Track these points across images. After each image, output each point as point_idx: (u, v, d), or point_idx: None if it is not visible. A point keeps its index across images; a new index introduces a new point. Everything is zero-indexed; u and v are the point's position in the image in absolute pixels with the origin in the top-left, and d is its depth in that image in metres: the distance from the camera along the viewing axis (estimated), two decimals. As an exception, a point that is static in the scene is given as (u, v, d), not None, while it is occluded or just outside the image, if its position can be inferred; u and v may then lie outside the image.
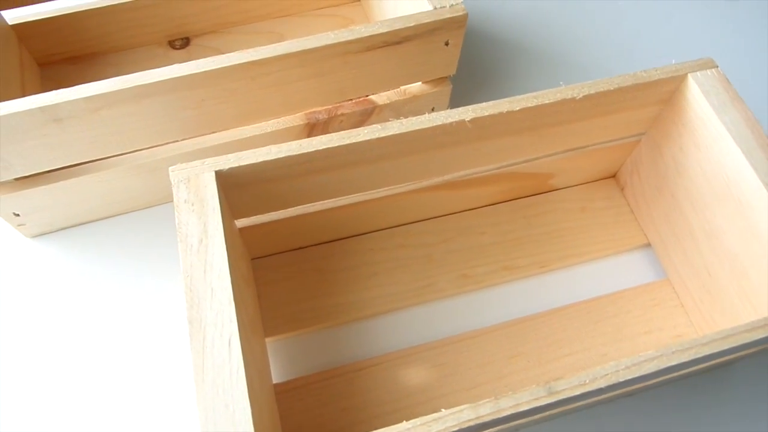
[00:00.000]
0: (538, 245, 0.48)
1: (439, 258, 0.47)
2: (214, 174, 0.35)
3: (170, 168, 0.35)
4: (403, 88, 0.48)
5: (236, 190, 0.37)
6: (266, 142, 0.47)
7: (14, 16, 0.51)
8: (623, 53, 0.60)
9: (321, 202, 0.42)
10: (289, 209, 0.42)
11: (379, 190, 0.43)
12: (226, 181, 0.36)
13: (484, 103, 0.38)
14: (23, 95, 0.48)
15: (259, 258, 0.47)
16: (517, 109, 0.38)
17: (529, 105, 0.38)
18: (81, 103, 0.37)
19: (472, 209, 0.49)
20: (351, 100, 0.47)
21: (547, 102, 0.38)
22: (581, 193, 0.51)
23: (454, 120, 0.37)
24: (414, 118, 0.37)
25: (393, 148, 0.38)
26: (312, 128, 0.48)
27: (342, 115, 0.47)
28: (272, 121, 0.46)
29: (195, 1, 0.54)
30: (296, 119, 0.47)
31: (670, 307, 0.46)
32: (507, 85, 0.57)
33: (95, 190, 0.46)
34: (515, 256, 0.47)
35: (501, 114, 0.38)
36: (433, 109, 0.51)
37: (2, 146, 0.38)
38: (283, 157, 0.35)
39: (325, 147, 0.36)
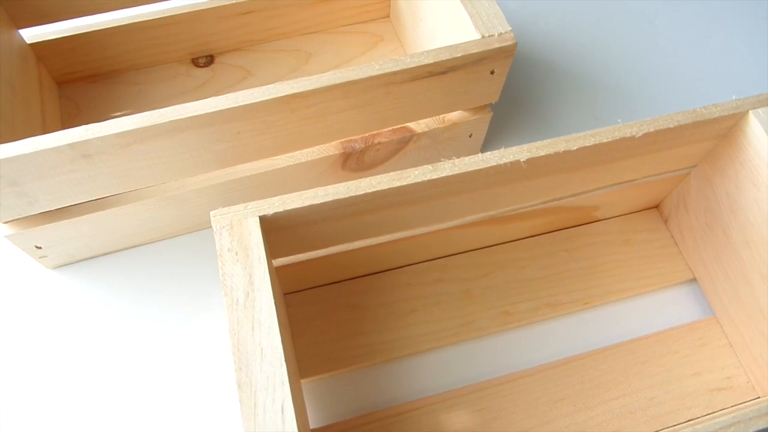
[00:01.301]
0: (580, 280, 0.46)
1: (478, 294, 0.45)
2: (258, 219, 0.33)
3: (212, 213, 0.33)
4: (442, 115, 0.46)
5: (276, 232, 0.35)
6: (300, 172, 0.45)
7: (32, 34, 0.48)
8: (663, 82, 0.58)
9: (361, 240, 0.40)
10: (328, 248, 0.40)
11: (421, 228, 0.41)
12: (268, 225, 0.34)
13: (539, 143, 0.36)
14: (42, 116, 0.47)
15: (291, 293, 0.45)
16: (575, 148, 0.36)
17: (587, 144, 0.36)
18: (112, 139, 0.35)
19: (511, 241, 0.47)
20: (389, 128, 0.45)
21: (605, 141, 0.36)
22: (624, 225, 0.49)
23: (508, 161, 0.35)
24: (467, 158, 0.35)
25: (443, 188, 0.36)
26: (347, 157, 0.45)
27: (379, 143, 0.45)
28: (307, 150, 0.44)
29: (220, 19, 0.52)
30: (331, 148, 0.45)
31: (719, 347, 0.44)
32: (546, 109, 0.55)
33: (121, 222, 0.43)
34: (557, 292, 0.46)
35: (557, 153, 0.36)
36: (471, 136, 0.49)
37: (28, 182, 0.36)
38: (330, 201, 0.33)
39: (374, 190, 0.34)
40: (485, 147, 0.52)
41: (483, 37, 0.40)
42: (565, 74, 0.57)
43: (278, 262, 0.40)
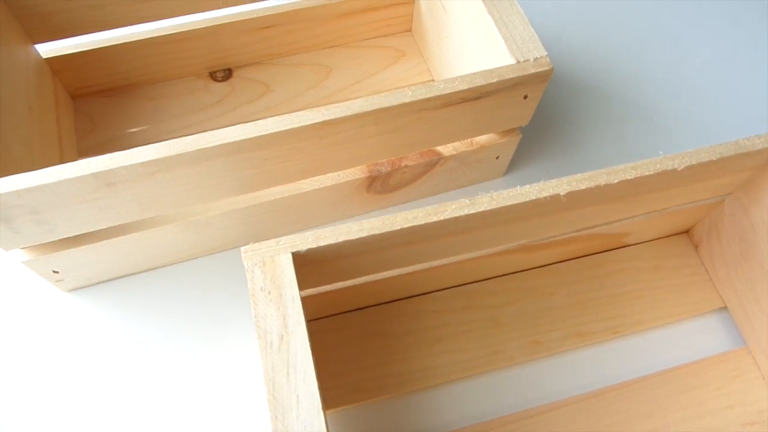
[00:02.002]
0: (610, 308, 0.45)
1: (506, 322, 0.44)
2: (290, 256, 0.31)
3: (242, 249, 0.31)
4: (471, 138, 0.45)
5: (307, 266, 0.34)
6: (325, 196, 0.44)
7: (48, 48, 0.47)
8: (689, 100, 0.57)
9: (390, 270, 0.39)
10: (357, 278, 0.39)
11: (451, 258, 0.40)
12: (299, 260, 0.33)
13: (579, 175, 0.35)
14: (58, 133, 0.45)
15: (313, 320, 0.44)
16: (616, 182, 0.35)
17: (628, 177, 0.35)
18: (137, 168, 0.34)
19: (539, 267, 0.46)
20: (417, 152, 0.44)
21: (647, 174, 0.35)
22: (653, 251, 0.48)
23: (548, 195, 0.34)
24: (505, 192, 0.34)
25: (479, 222, 0.35)
26: (373, 180, 0.44)
27: (405, 166, 0.44)
28: (332, 173, 0.43)
29: (239, 33, 0.50)
30: (357, 171, 0.43)
31: (752, 379, 0.43)
32: (571, 128, 0.54)
33: (140, 246, 0.42)
34: (587, 321, 0.45)
35: (598, 187, 0.35)
36: (498, 158, 0.48)
37: (48, 211, 0.35)
38: (365, 237, 0.32)
39: (410, 225, 0.33)
40: (510, 167, 0.51)
41: (518, 62, 0.38)
42: (590, 92, 0.56)
43: (303, 292, 0.39)
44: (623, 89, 0.57)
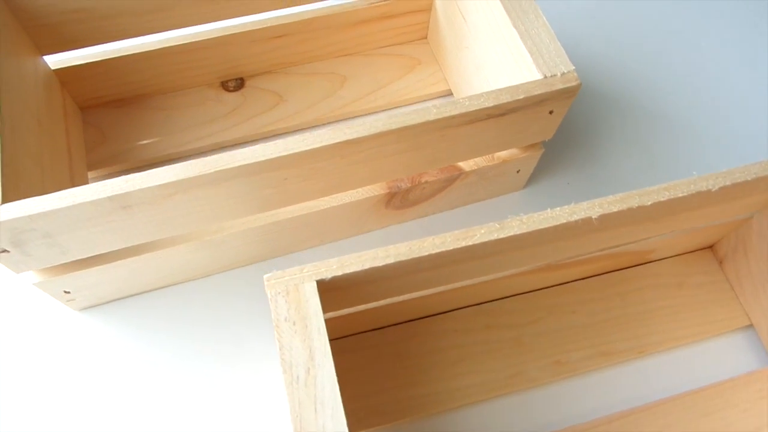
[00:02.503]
0: (634, 327, 0.44)
1: (529, 341, 0.43)
2: (315, 284, 0.30)
3: (265, 277, 0.30)
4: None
5: (330, 293, 0.33)
6: (343, 212, 0.43)
7: (57, 59, 0.45)
8: (709, 108, 0.56)
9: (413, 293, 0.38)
10: (379, 301, 0.38)
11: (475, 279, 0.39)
12: (323, 287, 0.31)
13: (611, 198, 0.34)
14: (68, 146, 0.44)
15: (332, 339, 0.42)
16: (649, 204, 0.33)
17: (661, 199, 0.34)
18: (154, 190, 0.33)
19: (562, 284, 0.45)
20: (438, 168, 0.43)
21: (680, 195, 0.34)
22: (677, 267, 0.47)
23: (579, 218, 0.33)
24: (535, 215, 0.33)
25: (508, 245, 0.33)
26: (392, 196, 0.43)
27: (425, 182, 0.43)
28: (351, 191, 0.42)
29: (252, 43, 0.49)
30: (376, 188, 0.42)
31: (780, 399, 0.42)
32: (591, 139, 0.53)
33: (153, 265, 0.41)
34: (611, 339, 0.44)
35: (630, 209, 0.34)
36: (518, 171, 0.46)
37: (61, 234, 0.34)
38: (392, 263, 0.31)
39: (438, 251, 0.31)
40: (530, 179, 0.50)
41: (545, 77, 0.37)
42: (611, 102, 0.55)
43: (324, 315, 0.38)
44: (645, 99, 0.55)
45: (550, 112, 0.39)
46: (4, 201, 0.32)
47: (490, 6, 0.41)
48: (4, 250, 0.34)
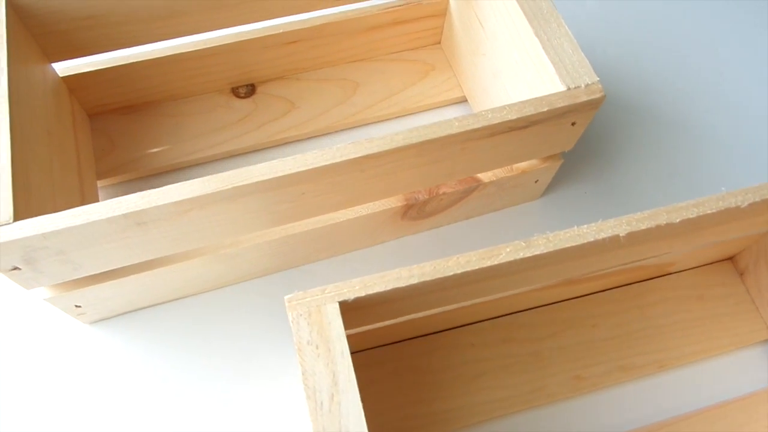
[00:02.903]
0: (653, 340, 0.43)
1: (548, 355, 0.42)
2: (337, 306, 0.30)
3: (286, 298, 0.29)
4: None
5: (351, 312, 0.32)
6: (359, 225, 0.42)
7: (65, 66, 0.44)
8: (727, 117, 0.55)
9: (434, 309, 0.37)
10: (399, 318, 0.37)
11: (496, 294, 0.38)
12: (345, 307, 0.31)
13: (638, 215, 0.33)
14: (77, 156, 0.43)
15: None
16: (677, 221, 0.33)
17: (690, 216, 0.33)
18: (170, 207, 0.32)
19: (580, 297, 0.45)
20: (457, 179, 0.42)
21: (709, 212, 0.33)
22: (697, 279, 0.46)
23: (607, 236, 0.32)
24: (562, 233, 0.32)
25: (533, 263, 0.33)
26: (409, 208, 0.42)
27: (443, 194, 0.42)
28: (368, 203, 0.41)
29: (264, 49, 0.48)
30: (394, 200, 0.41)
31: (802, 415, 0.42)
32: (612, 149, 0.52)
33: (165, 279, 0.40)
34: (630, 354, 0.43)
35: (658, 227, 0.33)
36: (536, 182, 0.46)
37: (74, 251, 0.33)
38: (416, 283, 0.30)
39: (463, 270, 0.31)
40: (547, 188, 0.49)
41: (569, 88, 0.36)
42: (628, 110, 0.54)
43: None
44: (663, 105, 0.54)
45: (573, 124, 0.39)
46: (17, 218, 0.31)
47: (510, 14, 0.40)
48: (16, 268, 0.33)
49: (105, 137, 0.48)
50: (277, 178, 0.33)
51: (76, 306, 0.40)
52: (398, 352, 0.42)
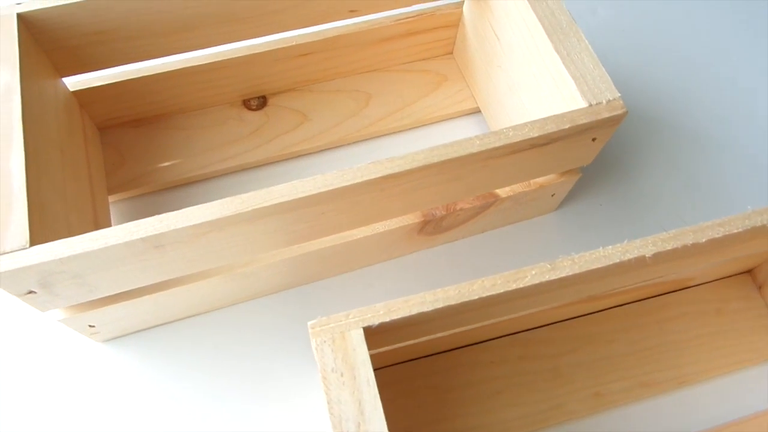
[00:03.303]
0: (673, 356, 0.43)
1: (566, 372, 0.42)
2: (362, 331, 0.29)
3: (310, 324, 0.29)
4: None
5: (374, 336, 0.31)
6: (375, 241, 0.41)
7: (75, 81, 0.44)
8: (743, 127, 0.54)
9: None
10: (420, 338, 0.36)
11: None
12: (369, 332, 0.30)
13: (664, 234, 0.32)
14: (89, 171, 0.43)
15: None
16: (704, 240, 0.32)
17: (716, 236, 0.32)
18: (188, 230, 0.31)
19: (598, 312, 0.44)
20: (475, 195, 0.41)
21: (735, 231, 0.33)
22: (715, 292, 0.46)
23: (633, 257, 0.32)
24: (587, 254, 0.31)
25: (558, 284, 0.32)
26: (426, 224, 0.42)
27: (460, 210, 0.42)
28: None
29: (276, 61, 0.47)
30: (411, 217, 0.41)
31: (824, 431, 0.41)
32: (627, 160, 0.51)
33: (180, 297, 0.40)
34: (651, 370, 0.42)
35: (684, 246, 0.32)
36: (553, 195, 0.45)
37: (91, 274, 0.32)
38: (441, 308, 0.30)
39: (488, 294, 0.30)
40: (562, 201, 0.49)
41: (590, 105, 0.36)
42: (643, 120, 0.53)
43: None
44: (678, 116, 0.54)
45: (593, 140, 0.38)
46: (33, 242, 0.30)
47: (528, 28, 0.40)
48: (31, 291, 0.32)
49: (115, 151, 0.47)
50: (297, 199, 0.32)
51: (90, 326, 0.39)
52: (415, 370, 0.41)
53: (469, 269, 0.46)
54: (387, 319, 0.29)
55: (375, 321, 0.29)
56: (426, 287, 0.45)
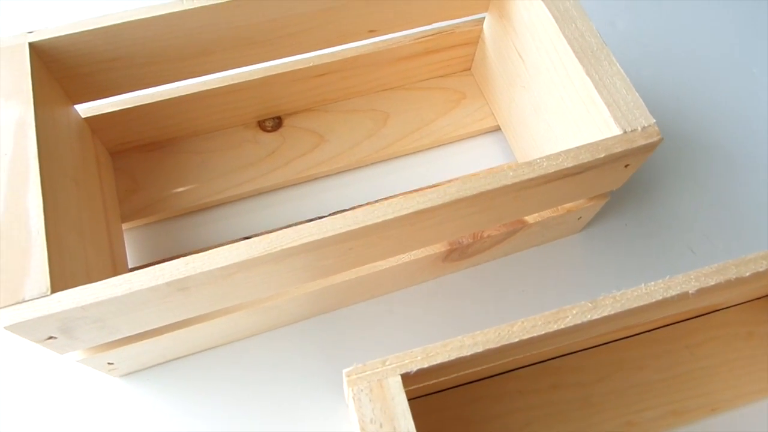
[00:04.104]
0: (705, 382, 0.42)
1: (598, 401, 0.41)
2: (399, 379, 0.28)
3: (345, 372, 0.28)
4: (558, 205, 0.42)
5: (410, 379, 0.30)
6: (400, 271, 0.40)
7: (87, 107, 0.42)
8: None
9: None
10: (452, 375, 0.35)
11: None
12: (405, 377, 0.29)
13: (707, 269, 0.31)
14: (103, 200, 0.41)
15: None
16: (747, 275, 0.31)
17: (760, 269, 0.31)
18: (215, 272, 0.30)
19: (627, 337, 0.43)
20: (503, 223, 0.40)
21: (779, 264, 0.32)
22: (744, 315, 0.45)
23: (676, 293, 0.31)
24: (629, 292, 0.30)
25: (598, 322, 0.31)
26: (452, 252, 0.41)
27: (488, 237, 0.41)
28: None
29: (293, 82, 0.46)
30: (438, 246, 0.40)
31: None
32: (651, 178, 0.50)
33: (200, 332, 0.39)
34: (682, 397, 0.41)
35: (728, 281, 0.31)
36: (580, 218, 0.44)
37: (113, 318, 0.31)
38: (480, 352, 0.29)
39: (529, 336, 0.29)
40: (588, 224, 0.48)
41: (624, 132, 0.35)
42: (666, 138, 0.52)
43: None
44: (702, 133, 0.53)
45: (626, 166, 0.37)
46: (54, 288, 0.29)
47: (557, 50, 0.38)
48: (51, 337, 0.31)
49: (128, 177, 0.46)
50: (326, 238, 0.31)
51: (108, 363, 0.38)
52: (444, 402, 0.40)
53: (493, 293, 0.45)
54: (425, 365, 0.28)
55: (413, 367, 0.28)
56: (448, 312, 0.45)
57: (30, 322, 0.29)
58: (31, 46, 0.35)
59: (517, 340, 0.29)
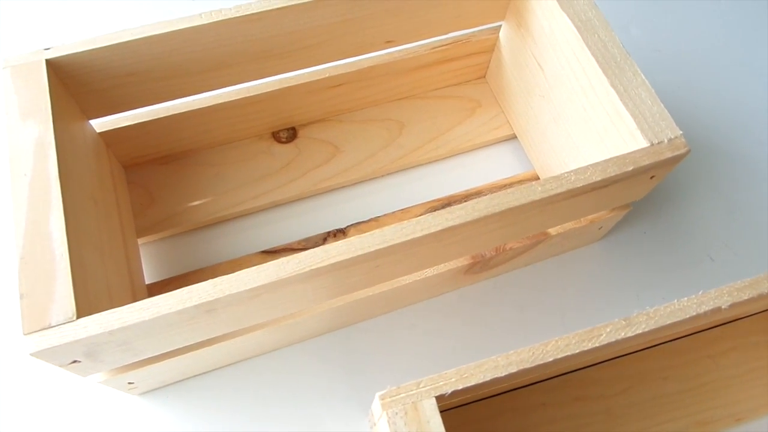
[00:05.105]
0: (728, 392, 0.42)
1: (620, 412, 0.41)
2: (434, 401, 0.28)
3: (379, 395, 0.27)
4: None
5: (443, 400, 0.30)
6: (426, 286, 0.40)
7: (101, 121, 0.42)
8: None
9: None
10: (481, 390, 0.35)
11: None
12: (439, 399, 0.29)
13: (739, 283, 0.31)
14: (120, 216, 0.41)
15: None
16: (779, 289, 0.31)
17: (792, 283, 0.31)
18: (243, 294, 0.30)
19: (649, 348, 0.43)
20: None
21: (812, 278, 0.31)
22: (764, 323, 0.44)
23: (709, 309, 0.30)
24: (662, 308, 0.30)
25: (632, 339, 0.31)
26: (474, 265, 0.40)
27: (510, 249, 0.40)
28: (434, 264, 0.39)
29: (308, 93, 0.45)
30: (460, 259, 0.39)
31: None
32: (669, 186, 0.50)
33: (221, 350, 0.38)
34: (706, 407, 0.41)
35: (760, 295, 0.31)
36: (600, 228, 0.44)
37: (138, 340, 0.31)
38: (514, 372, 0.28)
39: (563, 355, 0.29)
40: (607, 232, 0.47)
41: (651, 144, 0.34)
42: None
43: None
44: (720, 140, 0.52)
45: (651, 177, 0.37)
46: (79, 313, 0.29)
47: (579, 61, 0.38)
48: (75, 361, 0.30)
49: (143, 190, 0.46)
50: (355, 257, 0.30)
51: (129, 383, 0.37)
52: (463, 416, 0.40)
53: (514, 303, 0.45)
54: (460, 387, 0.28)
55: (447, 389, 0.28)
56: (470, 324, 0.44)
57: (56, 348, 0.28)
58: (48, 62, 0.35)
59: (551, 359, 0.29)
